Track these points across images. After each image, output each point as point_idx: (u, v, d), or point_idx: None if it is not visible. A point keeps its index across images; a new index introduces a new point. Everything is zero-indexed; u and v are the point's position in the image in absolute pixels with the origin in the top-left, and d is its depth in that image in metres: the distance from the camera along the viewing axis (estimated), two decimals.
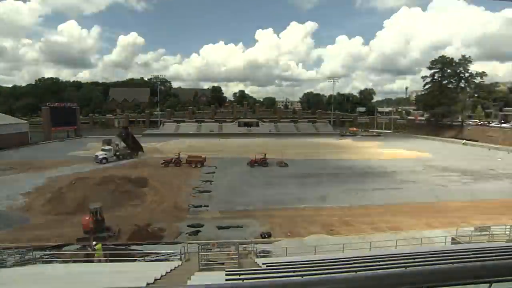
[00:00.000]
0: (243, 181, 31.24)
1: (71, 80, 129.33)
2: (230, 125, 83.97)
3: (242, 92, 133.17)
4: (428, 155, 47.16)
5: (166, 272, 9.43)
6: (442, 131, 72.48)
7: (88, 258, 14.52)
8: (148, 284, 6.84)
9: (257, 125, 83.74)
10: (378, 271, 6.21)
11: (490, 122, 73.28)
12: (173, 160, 38.52)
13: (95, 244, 14.57)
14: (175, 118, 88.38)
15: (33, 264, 13.66)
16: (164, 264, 12.20)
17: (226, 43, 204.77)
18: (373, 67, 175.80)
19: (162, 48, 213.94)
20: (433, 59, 78.41)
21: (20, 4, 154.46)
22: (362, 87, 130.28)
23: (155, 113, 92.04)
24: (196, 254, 13.15)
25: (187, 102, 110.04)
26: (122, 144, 45.31)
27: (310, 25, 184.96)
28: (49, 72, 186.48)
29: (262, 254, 15.44)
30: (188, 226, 20.23)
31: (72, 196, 24.23)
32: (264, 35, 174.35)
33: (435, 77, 77.97)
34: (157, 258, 14.98)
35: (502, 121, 72.96)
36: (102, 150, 41.61)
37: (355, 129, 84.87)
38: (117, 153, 42.70)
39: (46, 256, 14.93)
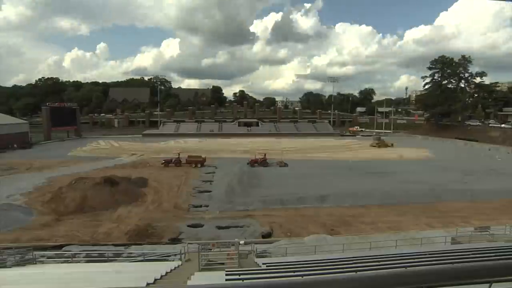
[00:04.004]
0: (243, 181, 31.19)
1: (71, 80, 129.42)
2: (230, 125, 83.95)
3: (242, 92, 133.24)
4: (428, 155, 47.15)
5: (166, 272, 9.44)
6: (442, 131, 72.46)
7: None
8: (148, 284, 6.84)
9: (257, 125, 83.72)
10: (378, 271, 6.21)
11: (489, 123, 73.11)
12: (173, 160, 38.52)
13: None
14: (175, 118, 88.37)
15: (33, 264, 13.66)
16: (164, 264, 12.21)
17: None
18: None
19: None
20: (433, 59, 78.56)
21: None
22: None
23: (155, 113, 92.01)
24: (196, 254, 13.15)
25: (187, 102, 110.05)
26: None
27: None
28: None
29: (262, 254, 15.43)
30: (188, 226, 20.25)
31: (72, 196, 24.18)
32: None
33: (435, 77, 77.99)
34: (157, 258, 14.98)
35: (502, 121, 72.91)
36: None
37: (355, 129, 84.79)
38: None
39: (46, 256, 14.93)
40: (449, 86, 78.08)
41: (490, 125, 69.98)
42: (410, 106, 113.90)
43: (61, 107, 70.49)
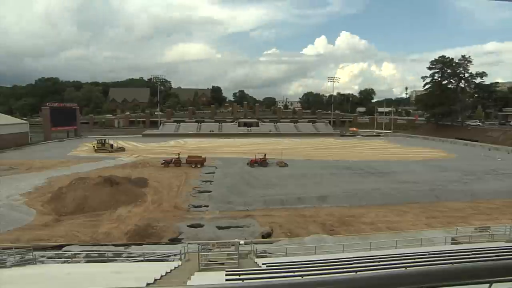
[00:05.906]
0: (243, 181, 31.19)
1: (71, 80, 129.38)
2: (230, 125, 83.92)
3: (242, 92, 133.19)
4: (427, 155, 47.14)
5: (166, 272, 9.44)
6: (442, 131, 72.44)
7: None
8: (148, 284, 6.85)
9: (257, 125, 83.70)
10: (378, 271, 6.21)
11: (489, 123, 72.96)
12: (173, 160, 38.48)
13: None
14: (175, 118, 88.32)
15: (33, 264, 13.66)
16: (164, 264, 12.21)
17: None
18: None
19: None
20: (433, 59, 78.53)
21: None
22: None
23: (155, 113, 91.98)
24: (196, 254, 13.15)
25: (187, 102, 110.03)
26: None
27: None
28: None
29: (262, 254, 15.43)
30: (188, 226, 20.25)
31: (72, 196, 24.19)
32: None
33: (435, 77, 77.94)
34: (157, 258, 14.98)
35: (503, 121, 72.83)
36: None
37: (355, 129, 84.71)
38: None
39: (46, 256, 14.92)
40: (449, 86, 78.02)
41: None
42: (410, 106, 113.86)
43: (61, 107, 70.50)
